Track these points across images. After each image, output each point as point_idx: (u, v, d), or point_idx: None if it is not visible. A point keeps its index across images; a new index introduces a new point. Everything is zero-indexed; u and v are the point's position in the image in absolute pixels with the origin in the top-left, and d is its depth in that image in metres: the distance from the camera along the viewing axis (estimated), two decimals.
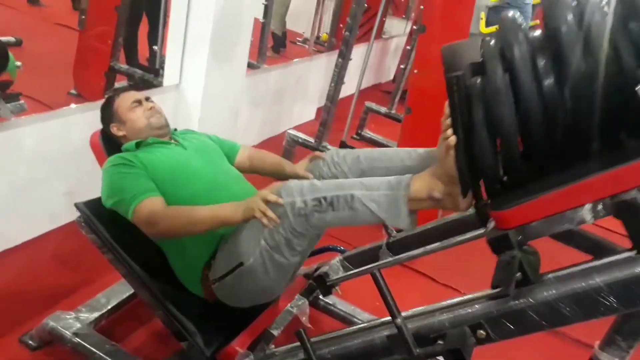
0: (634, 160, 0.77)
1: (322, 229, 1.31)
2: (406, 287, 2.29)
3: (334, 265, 1.77)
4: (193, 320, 1.44)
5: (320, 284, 1.72)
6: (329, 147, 2.92)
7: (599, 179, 0.80)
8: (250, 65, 3.64)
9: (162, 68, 2.72)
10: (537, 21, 3.14)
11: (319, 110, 3.93)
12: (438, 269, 2.36)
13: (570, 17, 0.79)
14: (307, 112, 4.03)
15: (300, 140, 2.94)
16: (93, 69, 3.18)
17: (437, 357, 0.96)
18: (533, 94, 0.82)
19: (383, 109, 3.97)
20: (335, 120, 3.02)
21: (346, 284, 1.60)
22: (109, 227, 1.47)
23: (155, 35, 3.23)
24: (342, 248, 1.83)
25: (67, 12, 4.40)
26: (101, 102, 1.71)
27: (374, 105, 3.93)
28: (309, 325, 1.62)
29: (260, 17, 4.04)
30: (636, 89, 0.72)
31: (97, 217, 1.48)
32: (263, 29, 4.19)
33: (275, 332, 1.52)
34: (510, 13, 0.90)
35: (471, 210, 1.19)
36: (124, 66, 3.26)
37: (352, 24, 2.51)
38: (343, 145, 2.89)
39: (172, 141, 1.61)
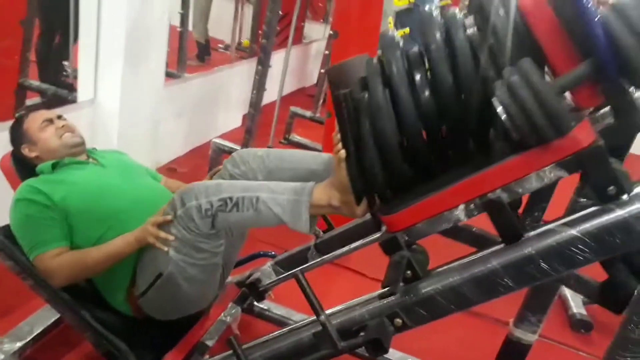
0: (494, 165, 0.87)
1: (226, 229, 1.34)
2: (338, 284, 2.36)
3: (265, 271, 1.80)
4: (123, 339, 1.42)
5: (252, 290, 1.74)
6: None
7: (467, 183, 0.91)
8: (171, 75, 3.60)
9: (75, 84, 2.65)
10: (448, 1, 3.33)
11: (244, 117, 3.93)
12: (367, 264, 2.45)
13: (438, 35, 0.89)
14: (232, 119, 4.02)
15: (226, 148, 2.93)
16: (1, 88, 3.01)
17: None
18: (410, 106, 0.91)
19: (308, 113, 4.04)
20: (262, 126, 3.05)
21: (281, 287, 1.64)
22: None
23: (67, 49, 3.11)
24: (273, 253, 1.86)
25: None
26: (10, 122, 1.64)
27: (298, 110, 4.00)
28: (237, 332, 1.64)
29: (178, 25, 4.01)
30: (492, 99, 0.81)
31: (14, 243, 1.42)
32: (181, 37, 4.14)
33: (210, 343, 1.54)
34: (390, 31, 0.99)
35: None
36: (34, 82, 3.12)
37: (268, 31, 2.55)
38: None
39: (90, 160, 1.58)
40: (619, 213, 0.84)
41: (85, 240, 1.42)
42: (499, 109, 0.80)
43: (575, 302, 2.49)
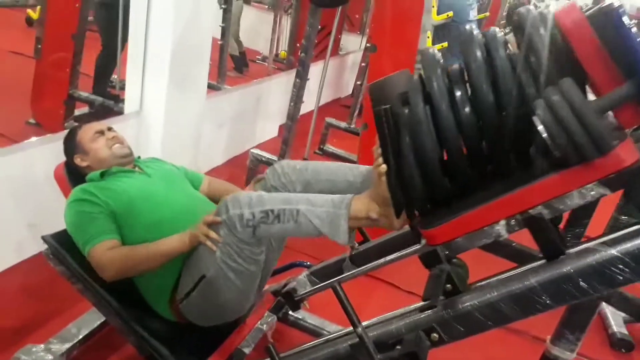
0: (535, 182, 0.88)
1: (268, 239, 1.40)
2: (372, 296, 2.37)
3: (301, 281, 1.83)
4: (165, 344, 1.48)
5: (288, 299, 1.78)
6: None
7: (509, 199, 0.91)
8: (211, 87, 3.70)
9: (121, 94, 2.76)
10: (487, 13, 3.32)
11: (281, 127, 4.00)
12: (401, 277, 2.45)
13: (479, 54, 0.90)
14: (269, 130, 4.09)
15: (263, 159, 3.00)
16: (51, 98, 3.16)
17: None
18: (450, 122, 0.92)
19: (343, 124, 4.07)
20: (298, 137, 3.10)
21: (316, 297, 1.67)
22: (76, 258, 1.49)
23: (115, 62, 3.25)
24: (308, 263, 1.90)
25: (21, 39, 4.35)
26: (62, 133, 1.74)
27: (334, 121, 4.03)
28: (272, 341, 1.68)
29: (218, 37, 4.13)
30: (533, 118, 0.82)
31: (65, 249, 1.50)
32: (221, 50, 4.25)
33: (247, 350, 1.58)
34: (430, 49, 1.01)
35: None
36: (83, 94, 3.26)
37: (307, 45, 2.60)
38: None
39: (136, 169, 1.65)
40: None
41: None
42: (540, 128, 0.81)
43: (615, 321, 2.42)
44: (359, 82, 4.19)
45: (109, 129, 1.67)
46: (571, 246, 0.94)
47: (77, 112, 3.34)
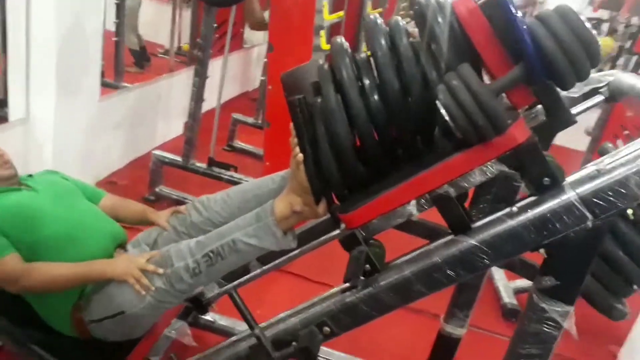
0: (440, 162, 0.94)
1: (217, 279, 1.43)
2: (284, 290, 2.43)
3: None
4: None
5: (195, 304, 1.79)
6: (197, 164, 2.96)
7: (417, 180, 0.97)
8: (108, 85, 3.53)
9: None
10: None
11: (185, 124, 3.92)
12: (310, 269, 2.52)
13: (383, 42, 0.95)
14: (173, 127, 3.98)
15: (167, 160, 2.94)
16: None
17: None
18: (360, 110, 0.96)
19: (250, 119, 4.08)
20: (204, 134, 3.07)
21: (226, 296, 1.70)
22: None
23: None
24: None
25: None
26: None
27: (240, 117, 4.03)
28: (194, 344, 1.68)
29: (113, 32, 3.94)
30: (436, 102, 0.88)
31: None
32: (117, 47, 4.07)
33: (156, 359, 1.57)
34: (339, 39, 1.04)
35: None
36: None
37: (204, 44, 2.58)
38: (211, 161, 2.95)
39: (23, 187, 1.57)
40: (553, 202, 0.92)
41: None
42: (443, 111, 0.86)
43: (507, 292, 2.66)
44: (263, 78, 4.20)
45: None
46: (477, 221, 1.00)
47: None
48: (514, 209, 0.96)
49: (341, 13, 2.40)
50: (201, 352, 1.41)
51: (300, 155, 1.11)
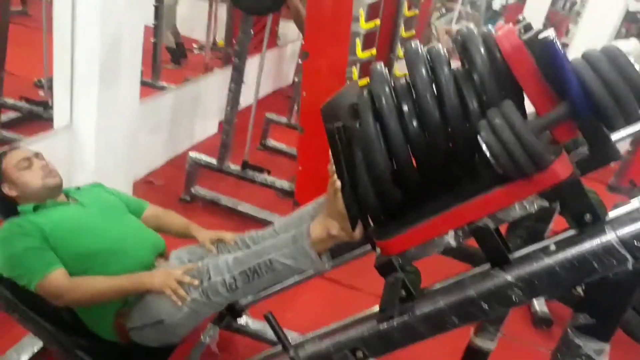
0: (481, 194, 0.94)
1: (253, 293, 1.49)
2: (314, 294, 2.47)
3: None
4: None
5: (230, 310, 1.85)
6: (231, 166, 3.01)
7: (456, 211, 0.97)
8: (146, 84, 3.62)
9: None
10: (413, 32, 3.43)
11: (220, 123, 3.98)
12: (340, 272, 2.54)
13: (424, 71, 0.95)
14: (209, 127, 4.06)
15: (202, 162, 3.01)
16: None
17: None
18: (399, 138, 0.96)
19: (284, 119, 4.11)
20: (238, 132, 3.12)
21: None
22: (11, 288, 1.49)
23: None
24: None
25: None
26: None
27: (274, 116, 4.06)
28: (216, 351, 1.74)
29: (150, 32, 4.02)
30: (478, 137, 0.87)
31: None
32: (155, 48, 4.16)
33: None
34: (379, 65, 1.04)
35: None
36: (9, 100, 3.13)
37: (240, 50, 2.61)
38: (245, 164, 2.99)
39: (70, 200, 1.64)
40: (593, 242, 0.90)
41: None
42: (484, 147, 0.86)
43: (537, 300, 2.63)
44: (296, 79, 4.22)
45: (37, 155, 1.64)
46: (514, 252, 0.99)
47: (4, 117, 3.22)
48: (552, 246, 0.95)
49: (377, 21, 2.39)
50: None
51: (339, 183, 1.13)
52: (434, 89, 0.95)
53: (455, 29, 4.21)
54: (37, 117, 3.13)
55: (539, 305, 2.61)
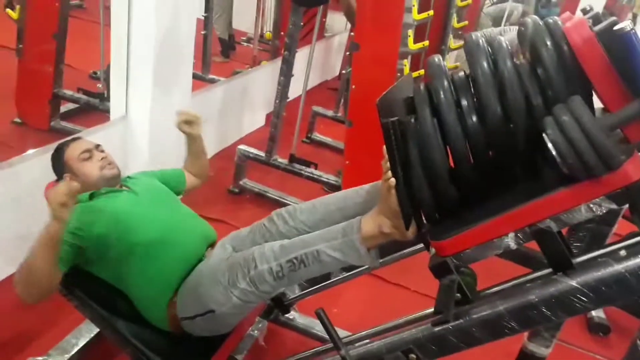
0: (545, 195, 0.89)
1: (297, 282, 1.47)
2: (360, 290, 2.45)
3: None
4: (160, 354, 1.54)
5: (278, 304, 1.85)
6: (279, 160, 3.03)
7: (518, 212, 0.92)
8: (196, 77, 3.68)
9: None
10: (466, 22, 3.34)
11: (268, 116, 4.00)
12: (386, 269, 2.51)
13: (485, 64, 0.90)
14: (256, 119, 4.10)
15: (251, 155, 3.03)
16: (36, 98, 3.16)
17: None
18: (458, 135, 0.92)
19: (330, 112, 4.09)
20: (285, 126, 3.12)
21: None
22: (69, 275, 1.53)
23: None
24: None
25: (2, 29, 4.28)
26: (50, 145, 1.76)
27: (320, 110, 4.05)
28: (263, 344, 1.74)
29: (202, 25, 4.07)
30: (544, 136, 0.82)
31: None
32: (205, 40, 4.21)
33: (239, 357, 1.65)
34: (437, 58, 0.99)
35: None
36: (68, 92, 3.25)
37: (290, 43, 2.61)
38: (293, 158, 3.00)
39: (124, 188, 1.68)
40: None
41: (117, 267, 1.53)
42: (550, 146, 0.82)
43: None
44: (343, 71, 4.18)
45: (97, 146, 1.70)
46: (577, 257, 0.95)
47: (63, 108, 3.34)
48: (622, 252, 0.89)
49: (431, 12, 2.33)
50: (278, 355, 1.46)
51: (393, 180, 1.10)
52: (496, 84, 0.90)
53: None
54: (93, 108, 3.24)
55: (596, 310, 2.50)
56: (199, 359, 1.60)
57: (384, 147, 1.04)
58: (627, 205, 0.93)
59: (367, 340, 1.20)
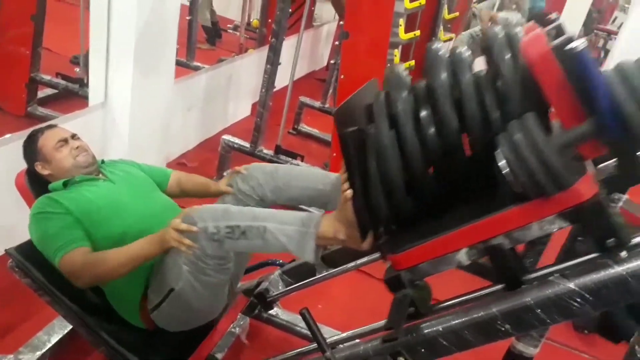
0: (496, 213, 0.89)
1: (234, 253, 1.39)
2: (346, 286, 2.40)
3: (273, 280, 1.84)
4: (136, 352, 1.48)
5: (261, 300, 1.80)
6: (264, 151, 2.96)
7: (471, 228, 0.92)
8: (180, 64, 3.59)
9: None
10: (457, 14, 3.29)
11: (254, 105, 3.92)
12: (373, 265, 2.47)
13: (444, 76, 0.90)
14: (242, 108, 4.01)
15: (235, 145, 2.96)
16: (12, 81, 3.04)
17: None
18: (415, 147, 0.92)
19: (317, 104, 4.03)
20: (271, 115, 3.05)
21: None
22: (42, 270, 1.47)
23: None
24: (280, 262, 1.90)
25: None
26: (24, 133, 1.67)
27: (307, 100, 3.98)
28: (246, 342, 1.69)
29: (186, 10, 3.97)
30: (496, 153, 0.81)
31: (30, 261, 1.47)
32: (190, 26, 4.11)
33: (219, 356, 1.59)
34: (397, 69, 0.99)
35: None
36: (45, 77, 3.14)
37: (277, 30, 2.53)
38: (278, 149, 2.93)
39: (101, 176, 1.61)
40: (616, 269, 0.85)
41: None
42: (502, 164, 0.81)
43: None
44: (332, 61, 4.12)
45: (73, 136, 1.61)
46: (528, 274, 0.95)
47: (41, 93, 3.23)
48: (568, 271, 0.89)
49: (423, 1, 2.27)
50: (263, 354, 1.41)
51: (349, 192, 1.09)
52: (454, 95, 0.90)
53: (499, 15, 4.03)
54: (72, 94, 3.13)
55: None
56: (177, 357, 1.54)
57: (342, 157, 1.03)
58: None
59: (353, 342, 1.15)
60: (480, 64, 0.96)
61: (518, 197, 0.87)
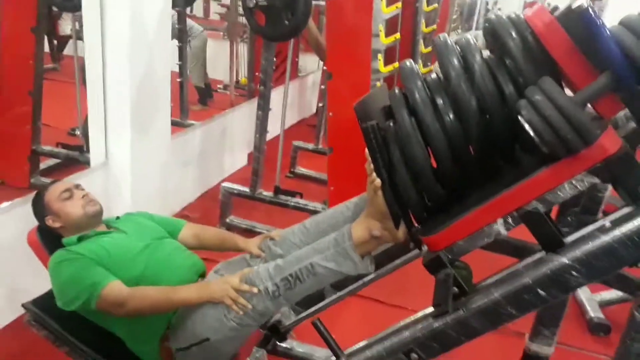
0: (527, 178, 0.91)
1: (294, 301, 1.44)
2: (357, 315, 2.41)
3: (284, 311, 1.87)
4: None
5: (274, 332, 1.81)
6: (264, 193, 3.03)
7: (504, 197, 0.93)
8: (175, 124, 3.71)
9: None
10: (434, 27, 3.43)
11: (250, 155, 4.02)
12: (382, 291, 2.49)
13: (456, 60, 0.93)
14: (238, 159, 4.12)
15: (235, 191, 3.03)
16: (14, 156, 3.14)
17: None
18: (437, 131, 0.94)
19: (310, 145, 4.14)
20: (267, 162, 3.13)
21: (302, 323, 1.69)
22: (59, 321, 1.51)
23: None
24: None
25: None
26: (30, 196, 1.74)
27: (301, 144, 4.10)
28: None
29: (176, 74, 4.14)
30: (519, 118, 0.84)
31: (47, 313, 1.51)
32: (181, 87, 4.28)
33: None
34: (408, 62, 1.02)
35: None
36: (46, 148, 3.25)
37: (264, 78, 2.67)
38: (277, 190, 3.01)
39: (112, 229, 1.67)
40: None
41: None
42: (527, 126, 0.83)
43: (591, 306, 2.52)
44: (320, 104, 4.27)
45: (77, 186, 1.68)
46: (567, 235, 0.95)
47: (42, 165, 3.33)
48: (607, 223, 0.90)
49: (398, 35, 2.41)
50: None
51: (378, 181, 1.11)
52: (468, 79, 0.92)
53: None
54: (74, 161, 3.22)
55: (594, 311, 2.50)
56: None
57: (366, 150, 1.05)
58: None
59: (368, 348, 1.18)
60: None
61: (545, 160, 0.88)
